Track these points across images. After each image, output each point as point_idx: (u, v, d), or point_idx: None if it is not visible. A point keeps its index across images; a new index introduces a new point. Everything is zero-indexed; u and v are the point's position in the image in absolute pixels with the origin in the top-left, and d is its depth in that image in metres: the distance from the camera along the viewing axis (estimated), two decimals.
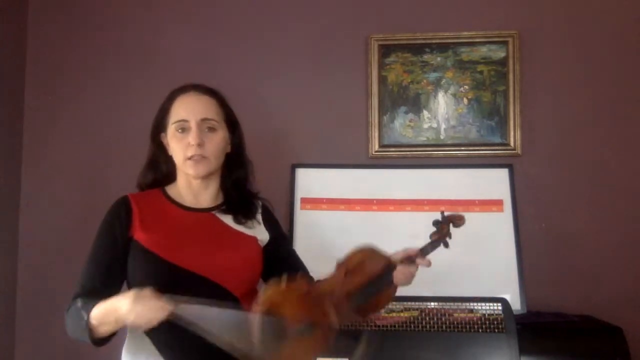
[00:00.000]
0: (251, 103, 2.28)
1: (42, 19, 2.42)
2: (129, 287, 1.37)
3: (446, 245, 1.42)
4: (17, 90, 2.38)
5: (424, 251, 1.38)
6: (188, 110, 1.40)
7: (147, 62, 2.37)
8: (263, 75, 2.34)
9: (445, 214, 1.44)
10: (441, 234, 1.42)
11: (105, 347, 1.30)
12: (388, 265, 1.33)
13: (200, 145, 1.37)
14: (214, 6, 2.38)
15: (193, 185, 1.43)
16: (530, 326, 1.81)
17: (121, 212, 1.39)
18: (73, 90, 2.39)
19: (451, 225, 1.44)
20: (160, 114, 1.45)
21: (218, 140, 1.42)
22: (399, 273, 1.34)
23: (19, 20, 2.40)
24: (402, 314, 1.68)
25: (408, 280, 1.36)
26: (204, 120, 1.40)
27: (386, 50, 2.29)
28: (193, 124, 1.38)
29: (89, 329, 1.23)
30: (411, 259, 1.35)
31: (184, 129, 1.39)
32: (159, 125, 1.45)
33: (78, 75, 2.39)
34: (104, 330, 1.25)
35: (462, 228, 1.85)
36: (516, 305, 1.99)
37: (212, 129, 1.41)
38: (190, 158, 1.38)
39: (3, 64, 2.30)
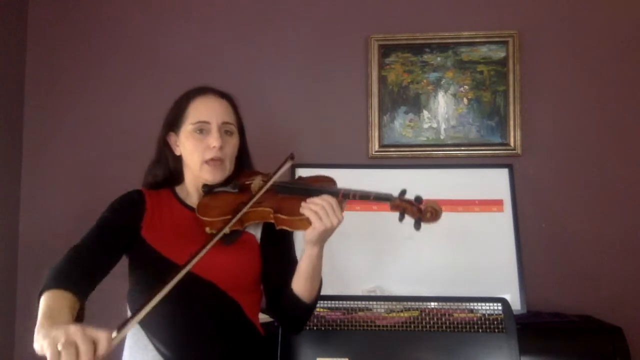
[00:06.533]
0: (251, 103, 2.26)
1: (42, 19, 2.42)
2: (131, 282, 1.38)
3: (401, 219, 1.27)
4: (17, 90, 2.38)
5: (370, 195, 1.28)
6: (209, 111, 1.40)
7: (147, 61, 2.37)
8: (263, 75, 2.34)
9: (406, 197, 1.28)
10: (394, 205, 1.28)
11: None
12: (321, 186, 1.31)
13: (221, 148, 1.37)
14: (214, 7, 2.38)
15: (200, 187, 1.43)
16: (530, 326, 1.81)
17: (139, 203, 1.39)
18: (73, 90, 2.39)
19: (406, 210, 1.27)
20: (174, 113, 1.44)
21: (234, 144, 1.43)
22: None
23: (19, 20, 2.40)
24: (402, 314, 1.68)
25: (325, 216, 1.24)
26: (224, 123, 1.40)
27: (386, 50, 2.29)
28: (214, 127, 1.38)
29: (41, 293, 1.14)
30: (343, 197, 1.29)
31: (202, 130, 1.38)
32: (172, 124, 1.44)
33: (78, 75, 2.40)
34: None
35: (463, 228, 1.82)
36: (516, 305, 1.99)
37: (229, 133, 1.42)
38: (208, 162, 1.37)
39: (3, 64, 2.30)
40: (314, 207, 1.25)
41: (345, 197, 1.31)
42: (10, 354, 2.29)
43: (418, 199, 1.28)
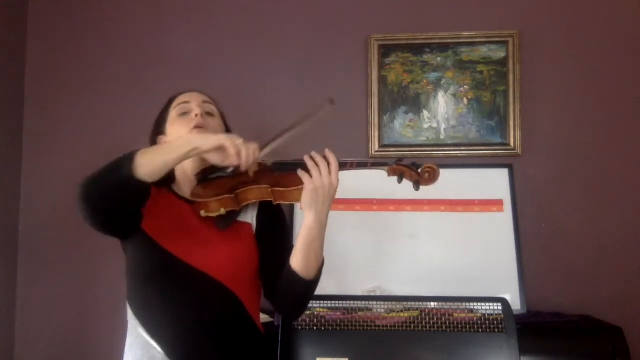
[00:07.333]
0: (251, 103, 2.28)
1: (42, 19, 2.42)
2: (128, 271, 1.38)
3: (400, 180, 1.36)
4: (17, 90, 2.38)
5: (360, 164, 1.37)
6: (189, 95, 1.47)
7: (147, 61, 2.37)
8: (263, 75, 2.34)
9: (404, 162, 1.38)
10: (393, 170, 1.36)
11: (105, 343, 1.28)
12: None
13: (202, 116, 1.42)
14: (214, 7, 2.38)
15: (191, 178, 1.43)
16: (530, 326, 1.81)
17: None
18: (73, 90, 2.39)
19: (404, 174, 1.36)
20: (160, 116, 1.50)
21: (217, 125, 1.47)
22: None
23: (19, 20, 2.40)
24: (402, 314, 1.68)
25: (319, 185, 1.29)
26: (204, 102, 1.47)
27: (386, 50, 2.29)
28: (194, 104, 1.45)
29: (133, 160, 1.23)
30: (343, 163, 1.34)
31: (185, 113, 1.44)
32: (159, 126, 1.49)
33: (78, 75, 2.39)
34: (160, 161, 1.23)
35: (462, 228, 1.83)
36: (516, 305, 1.99)
37: (211, 114, 1.46)
38: (192, 130, 1.39)
39: (3, 64, 2.30)
40: (309, 162, 1.32)
41: (343, 167, 1.35)
42: (11, 354, 2.29)
43: (415, 165, 1.36)
